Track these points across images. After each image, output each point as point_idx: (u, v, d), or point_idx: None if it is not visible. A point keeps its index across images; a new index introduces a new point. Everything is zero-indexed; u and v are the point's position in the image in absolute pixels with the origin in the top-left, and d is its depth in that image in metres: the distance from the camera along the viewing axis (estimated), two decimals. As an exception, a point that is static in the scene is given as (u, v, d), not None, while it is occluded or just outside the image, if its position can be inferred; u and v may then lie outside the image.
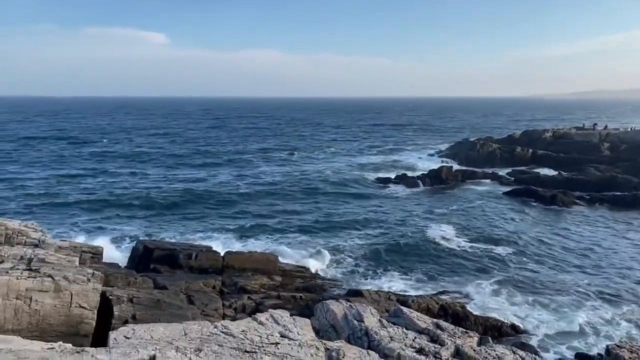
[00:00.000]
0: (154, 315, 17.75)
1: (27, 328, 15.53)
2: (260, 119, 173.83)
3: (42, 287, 16.27)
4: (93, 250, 20.58)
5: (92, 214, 38.93)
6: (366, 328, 13.30)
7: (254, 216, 39.35)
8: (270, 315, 13.61)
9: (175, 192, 47.19)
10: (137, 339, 11.60)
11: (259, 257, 25.55)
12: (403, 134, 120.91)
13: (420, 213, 41.64)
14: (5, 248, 17.75)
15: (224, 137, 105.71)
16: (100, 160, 69.19)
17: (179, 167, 63.84)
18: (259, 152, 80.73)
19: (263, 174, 59.12)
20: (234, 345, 11.84)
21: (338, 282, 25.71)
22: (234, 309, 20.59)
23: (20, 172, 57.19)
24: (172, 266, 23.67)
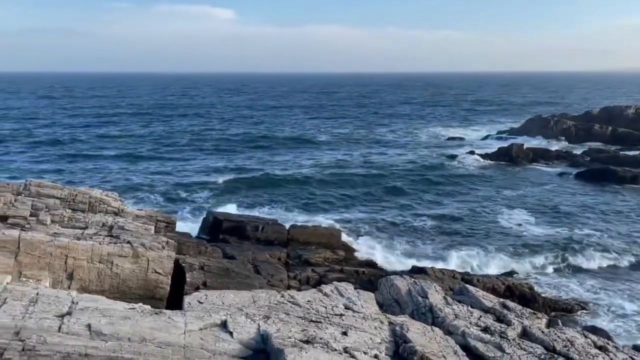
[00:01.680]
0: (223, 283, 18.56)
1: (109, 290, 16.69)
2: (330, 94, 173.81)
3: (122, 253, 17.39)
4: (167, 220, 21.63)
5: (165, 184, 40.98)
6: (430, 304, 13.29)
7: (320, 191, 39.80)
8: (335, 287, 13.90)
9: (244, 167, 48.51)
10: (209, 304, 12.24)
11: (323, 231, 25.97)
12: (469, 110, 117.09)
13: (487, 192, 40.53)
14: (89, 215, 19.05)
15: (293, 114, 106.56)
16: (171, 133, 72.08)
17: (245, 143, 65.20)
18: (326, 127, 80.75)
19: (330, 150, 59.39)
20: (300, 314, 12.24)
21: (401, 259, 25.71)
22: (298, 281, 21.13)
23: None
24: (239, 237, 24.55)
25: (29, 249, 16.17)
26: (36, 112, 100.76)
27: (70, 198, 19.22)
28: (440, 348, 11.19)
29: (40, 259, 16.25)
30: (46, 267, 15.79)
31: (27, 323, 9.80)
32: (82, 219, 18.50)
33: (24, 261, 16.01)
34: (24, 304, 10.55)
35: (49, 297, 11.00)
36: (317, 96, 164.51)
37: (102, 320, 10.37)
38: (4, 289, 11.05)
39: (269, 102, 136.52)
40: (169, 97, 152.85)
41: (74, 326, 9.98)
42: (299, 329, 11.33)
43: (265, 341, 10.86)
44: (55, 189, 19.24)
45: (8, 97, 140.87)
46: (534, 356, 11.28)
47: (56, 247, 16.46)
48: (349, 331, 11.51)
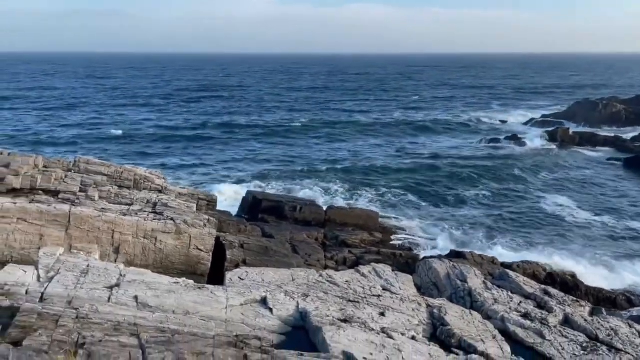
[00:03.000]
0: (262, 261, 18.90)
1: (153, 264, 17.26)
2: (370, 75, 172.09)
3: (166, 229, 17.91)
4: (208, 198, 22.11)
5: (208, 164, 41.83)
6: (469, 288, 13.21)
7: (361, 175, 39.75)
8: (373, 268, 13.98)
9: (285, 150, 48.94)
10: (250, 281, 12.54)
11: (360, 213, 25.98)
12: (513, 93, 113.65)
13: (531, 177, 39.51)
14: (134, 192, 19.66)
15: (337, 97, 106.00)
16: (217, 112, 73.14)
17: (284, 125, 65.35)
18: (366, 110, 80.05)
19: (367, 135, 58.99)
20: (338, 293, 12.39)
21: (439, 243, 25.51)
22: (335, 261, 21.29)
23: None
24: (278, 217, 24.84)
25: (79, 223, 16.87)
26: (88, 91, 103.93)
27: (117, 175, 19.87)
28: (478, 332, 11.15)
29: (89, 233, 16.93)
30: (95, 241, 16.46)
31: (79, 293, 10.30)
32: (128, 196, 19.11)
33: (74, 234, 16.73)
34: (76, 275, 11.07)
35: (99, 269, 11.50)
36: (357, 77, 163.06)
37: (148, 293, 10.80)
38: (57, 260, 11.61)
39: (304, 84, 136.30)
40: (226, 78, 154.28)
41: (122, 297, 10.44)
42: (337, 308, 11.49)
43: (304, 319, 11.08)
44: (102, 166, 19.91)
45: (56, 77, 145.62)
46: (576, 344, 11.10)
47: (104, 222, 17.12)
48: (387, 312, 11.60)
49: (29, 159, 18.47)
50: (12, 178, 17.21)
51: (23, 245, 16.19)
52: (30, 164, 18.22)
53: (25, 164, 17.95)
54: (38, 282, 10.63)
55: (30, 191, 17.49)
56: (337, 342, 9.59)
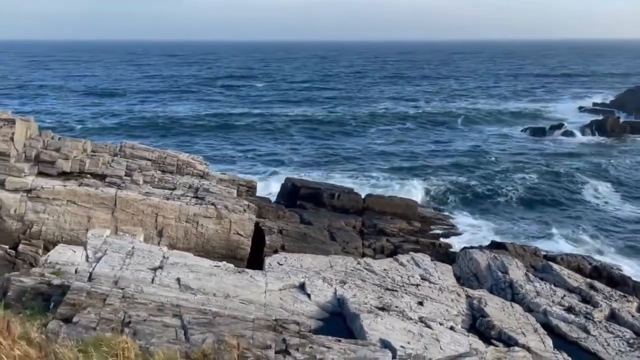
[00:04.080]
0: (300, 247, 19.06)
1: (194, 248, 17.70)
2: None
3: (207, 214, 18.29)
4: (248, 184, 22.41)
5: (253, 149, 42.44)
6: (511, 280, 12.95)
7: (398, 161, 39.42)
8: (412, 257, 13.89)
9: (323, 138, 49.05)
10: (288, 266, 12.68)
11: (398, 202, 25.76)
12: (559, 80, 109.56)
13: (578, 168, 38.13)
14: (177, 177, 20.13)
15: (375, 83, 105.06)
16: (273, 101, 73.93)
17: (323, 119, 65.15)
18: (409, 98, 78.98)
19: (406, 120, 58.38)
20: (375, 281, 12.38)
21: (479, 233, 25.08)
22: (373, 249, 21.24)
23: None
24: (316, 204, 24.93)
25: (124, 206, 17.44)
26: (130, 78, 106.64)
27: (160, 160, 20.37)
28: (519, 325, 10.94)
29: (134, 215, 17.49)
30: (139, 224, 16.98)
31: (125, 273, 10.67)
32: (171, 180, 19.60)
33: (119, 217, 17.32)
34: (122, 256, 11.46)
35: (143, 251, 11.87)
36: (397, 64, 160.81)
37: (190, 275, 11.08)
38: (104, 241, 12.04)
39: (343, 70, 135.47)
40: (264, 66, 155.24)
41: (165, 279, 10.75)
42: (374, 295, 11.49)
43: (341, 305, 11.13)
44: (147, 152, 20.45)
45: (101, 64, 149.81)
46: (622, 340, 10.75)
47: (148, 206, 17.63)
48: (425, 301, 11.52)
49: (78, 143, 19.16)
50: (62, 162, 17.91)
51: (72, 226, 16.88)
52: (79, 148, 18.89)
53: (75, 148, 18.63)
54: (86, 262, 11.07)
55: (79, 174, 18.17)
56: (374, 330, 9.60)
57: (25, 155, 17.85)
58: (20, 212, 16.64)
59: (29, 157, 17.88)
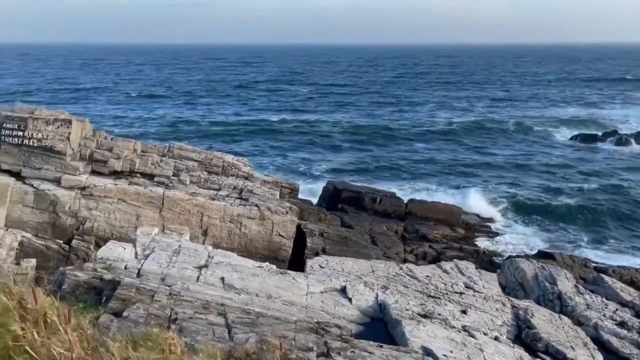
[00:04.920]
0: (341, 251, 19.06)
1: (237, 248, 17.99)
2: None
3: (250, 215, 18.57)
4: (290, 187, 22.59)
5: (295, 152, 42.81)
6: (559, 292, 12.54)
7: (442, 166, 38.85)
8: (455, 265, 13.65)
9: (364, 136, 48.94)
10: (330, 269, 12.70)
11: (442, 208, 25.37)
12: (611, 84, 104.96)
13: (631, 178, 36.56)
14: (222, 178, 20.52)
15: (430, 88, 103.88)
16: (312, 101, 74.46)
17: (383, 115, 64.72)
18: (455, 105, 77.20)
19: (452, 123, 57.32)
20: (418, 288, 12.23)
21: (525, 242, 24.39)
22: (415, 255, 21.02)
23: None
24: (357, 207, 24.87)
25: (171, 205, 17.92)
26: (176, 81, 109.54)
27: (207, 161, 20.82)
28: (568, 338, 10.57)
29: (180, 215, 17.94)
30: (185, 223, 17.40)
31: (171, 271, 10.95)
32: (216, 181, 20.01)
33: (166, 216, 17.81)
34: (169, 254, 11.78)
35: (189, 249, 12.15)
36: (439, 68, 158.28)
37: (233, 275, 11.26)
38: (152, 239, 12.40)
39: (387, 74, 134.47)
40: (309, 70, 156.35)
41: (210, 278, 10.97)
42: (417, 302, 11.36)
43: (382, 310, 11.05)
44: (194, 152, 20.94)
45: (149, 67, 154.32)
46: (679, 359, 10.22)
47: (194, 205, 18.06)
48: (469, 310, 11.30)
49: (129, 143, 19.82)
50: (114, 161, 18.58)
51: (122, 223, 17.48)
52: (130, 148, 19.55)
53: (126, 148, 19.29)
54: (135, 258, 11.43)
55: (129, 174, 18.81)
56: (416, 337, 9.49)
57: (80, 155, 18.62)
58: (74, 208, 17.36)
59: (84, 156, 18.64)
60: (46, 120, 17.96)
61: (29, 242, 16.54)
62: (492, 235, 24.62)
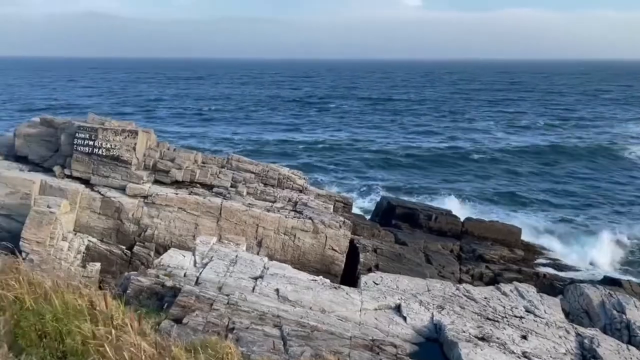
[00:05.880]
0: (394, 268, 18.81)
1: (291, 260, 18.13)
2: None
3: (304, 227, 18.70)
4: (344, 201, 22.60)
5: (349, 167, 42.86)
6: (628, 321, 11.84)
7: (502, 185, 37.68)
8: (515, 287, 13.18)
9: (424, 153, 48.14)
10: (384, 286, 12.56)
11: (500, 228, 24.58)
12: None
13: None
14: (278, 190, 20.81)
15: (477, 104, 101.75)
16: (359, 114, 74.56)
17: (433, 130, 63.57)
18: (505, 123, 73.94)
19: (513, 141, 55.24)
20: (475, 309, 11.88)
21: (590, 267, 23.22)
22: (471, 275, 20.45)
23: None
24: (412, 224, 24.50)
25: (228, 215, 18.33)
26: (237, 96, 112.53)
27: (263, 173, 21.19)
28: (637, 371, 9.95)
29: (237, 225, 18.32)
30: (241, 233, 17.74)
31: (228, 280, 11.17)
32: (272, 193, 20.31)
33: (223, 226, 18.23)
34: (226, 264, 12.03)
35: (246, 260, 12.36)
36: (497, 84, 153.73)
37: (288, 287, 11.34)
38: (211, 248, 12.71)
39: (442, 91, 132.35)
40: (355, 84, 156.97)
41: (265, 289, 11.10)
42: (474, 324, 11.03)
43: (438, 331, 10.80)
44: (251, 165, 21.38)
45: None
46: None
47: (250, 216, 18.40)
48: (530, 336, 10.85)
49: (190, 154, 20.49)
50: (175, 171, 19.25)
51: (181, 231, 18.03)
52: (191, 159, 20.20)
53: (187, 159, 19.95)
54: (194, 266, 11.74)
55: (189, 184, 19.42)
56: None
57: (145, 164, 19.42)
58: (137, 216, 18.08)
59: (147, 165, 19.42)
60: (115, 131, 18.88)
61: (95, 247, 17.36)
62: (553, 259, 23.60)
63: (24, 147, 20.19)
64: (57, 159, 19.62)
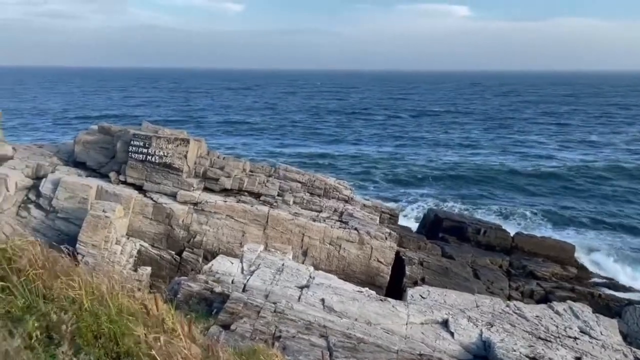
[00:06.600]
0: (441, 282, 18.47)
1: (335, 270, 18.09)
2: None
3: (349, 238, 18.64)
4: (391, 212, 22.40)
5: (394, 178, 42.53)
6: (694, 348, 11.12)
7: (553, 201, 36.37)
8: (569, 307, 12.66)
9: (471, 167, 47.10)
10: (431, 301, 12.32)
11: (553, 244, 23.75)
12: None
13: None
14: (324, 200, 20.86)
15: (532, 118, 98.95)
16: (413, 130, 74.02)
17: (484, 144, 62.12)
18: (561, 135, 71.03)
19: (565, 159, 53.16)
20: (526, 328, 11.47)
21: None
22: (521, 292, 19.83)
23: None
24: (459, 238, 24.01)
25: (275, 224, 18.51)
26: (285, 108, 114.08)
27: (310, 183, 21.31)
28: None
29: (283, 234, 18.46)
30: (287, 242, 17.87)
31: (274, 288, 11.24)
32: (318, 203, 20.38)
33: (270, 234, 18.42)
34: (272, 272, 12.12)
35: (292, 269, 12.42)
36: (550, 97, 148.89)
37: (334, 298, 11.30)
38: (258, 256, 12.85)
39: (494, 102, 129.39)
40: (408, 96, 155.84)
41: (310, 298, 11.10)
42: (525, 343, 10.63)
43: (487, 348, 10.47)
44: (298, 174, 21.55)
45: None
46: None
47: (296, 225, 18.52)
48: (584, 357, 10.36)
49: (239, 163, 20.87)
50: (224, 179, 19.64)
51: (229, 238, 18.34)
52: (240, 168, 20.56)
53: (236, 167, 20.32)
54: (241, 273, 11.89)
55: (237, 192, 19.76)
56: (524, 381, 8.86)
57: (195, 172, 19.91)
58: (187, 222, 18.53)
59: (198, 173, 19.91)
60: (167, 139, 19.47)
61: (146, 251, 17.89)
62: (609, 278, 22.55)
63: (82, 154, 21.11)
64: (113, 165, 20.40)
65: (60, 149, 22.75)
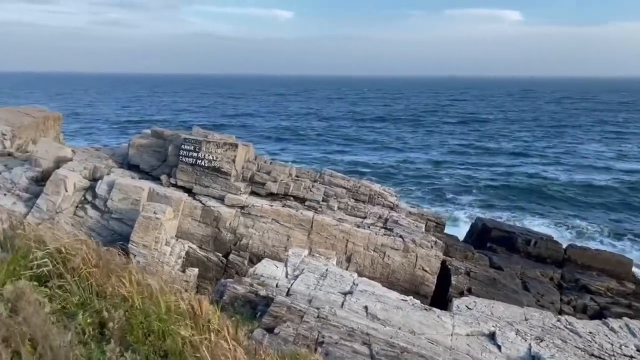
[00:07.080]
0: (488, 293, 17.98)
1: (379, 278, 17.94)
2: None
3: (394, 245, 18.46)
4: (437, 220, 22.04)
5: (440, 186, 41.86)
6: None
7: (607, 214, 34.84)
8: (626, 324, 12.06)
9: (524, 179, 45.77)
10: (478, 312, 12.02)
11: (608, 257, 22.71)
12: None
13: None
14: (368, 206, 20.76)
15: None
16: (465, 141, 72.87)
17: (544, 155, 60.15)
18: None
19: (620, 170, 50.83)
20: (579, 344, 11.01)
21: None
22: (573, 307, 19.03)
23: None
24: (508, 248, 23.35)
25: (319, 229, 18.57)
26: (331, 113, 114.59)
27: (355, 189, 21.27)
28: None
29: (327, 239, 18.50)
30: (331, 247, 17.89)
31: (318, 294, 11.26)
32: (362, 209, 20.30)
33: (314, 239, 18.48)
34: (316, 277, 12.15)
35: (336, 274, 12.41)
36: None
37: (377, 305, 11.21)
38: (302, 261, 12.92)
39: (547, 109, 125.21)
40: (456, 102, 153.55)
41: (353, 305, 11.05)
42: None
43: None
44: (343, 180, 21.55)
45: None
46: None
47: (340, 231, 18.51)
48: (642, 378, 9.85)
49: (285, 168, 21.08)
50: (271, 184, 19.89)
51: (274, 242, 18.53)
52: (286, 172, 20.77)
53: (282, 172, 20.54)
54: (286, 277, 11.99)
55: (283, 196, 19.96)
56: (576, 400, 8.50)
57: (243, 176, 20.26)
58: (233, 225, 18.86)
59: (245, 177, 20.25)
60: (217, 144, 19.91)
61: (194, 253, 18.32)
62: (671, 295, 21.31)
63: (136, 157, 21.87)
64: (164, 168, 21.04)
65: (116, 152, 23.66)
